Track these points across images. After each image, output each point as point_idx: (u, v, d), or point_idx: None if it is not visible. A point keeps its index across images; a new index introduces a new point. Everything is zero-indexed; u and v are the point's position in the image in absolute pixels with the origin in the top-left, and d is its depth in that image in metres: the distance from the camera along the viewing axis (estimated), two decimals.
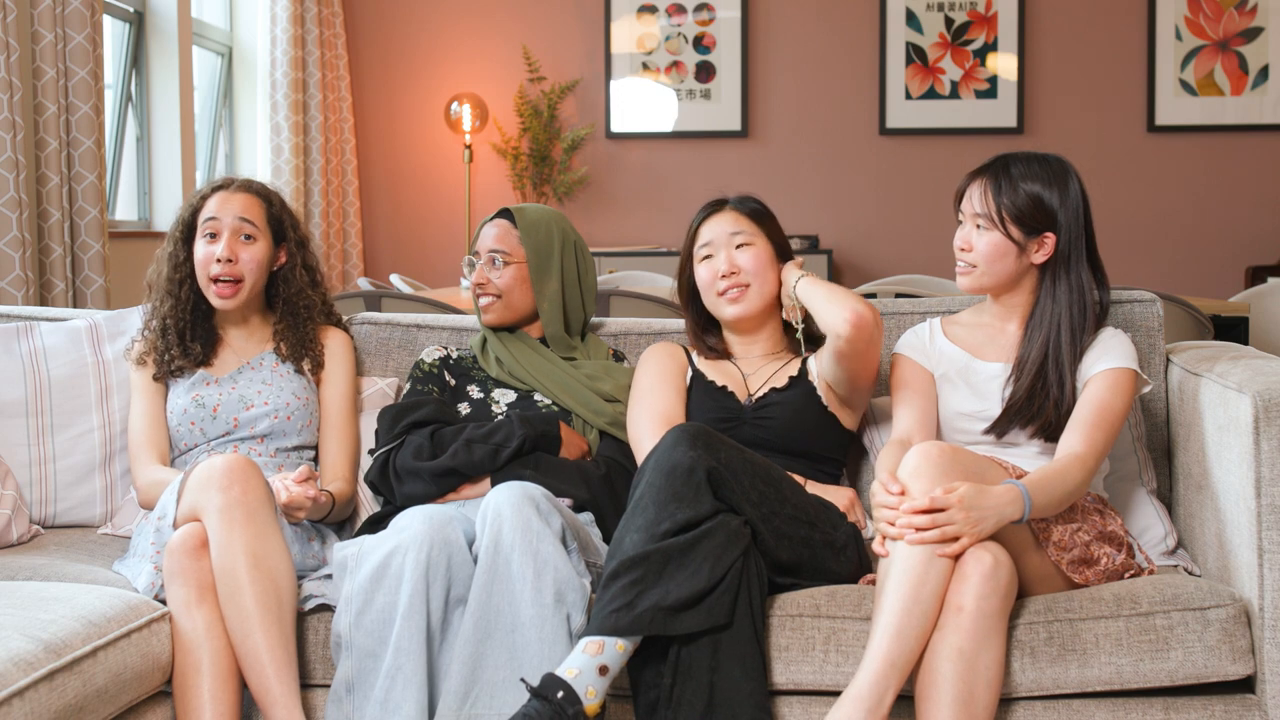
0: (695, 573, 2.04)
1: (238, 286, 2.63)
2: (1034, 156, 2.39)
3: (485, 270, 2.71)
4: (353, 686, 2.15)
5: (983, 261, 2.37)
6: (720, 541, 2.08)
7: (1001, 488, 2.08)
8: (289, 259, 2.72)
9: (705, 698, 2.03)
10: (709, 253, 2.58)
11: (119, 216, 5.36)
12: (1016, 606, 2.12)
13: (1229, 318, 4.26)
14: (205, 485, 2.23)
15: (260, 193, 2.70)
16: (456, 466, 2.46)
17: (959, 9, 6.90)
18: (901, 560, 2.02)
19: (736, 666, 2.05)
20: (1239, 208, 6.87)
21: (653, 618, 2.02)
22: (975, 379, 2.42)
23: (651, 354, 2.64)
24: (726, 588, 2.06)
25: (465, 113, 6.93)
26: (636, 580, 2.04)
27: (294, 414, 2.66)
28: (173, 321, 2.65)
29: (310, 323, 2.74)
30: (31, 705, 1.81)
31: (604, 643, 2.02)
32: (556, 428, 2.54)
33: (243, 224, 2.63)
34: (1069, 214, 2.34)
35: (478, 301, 2.73)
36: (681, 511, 2.09)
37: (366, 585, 2.17)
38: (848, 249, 7.00)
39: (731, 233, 2.57)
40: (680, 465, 2.12)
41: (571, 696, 1.97)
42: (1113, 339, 2.37)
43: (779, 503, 2.20)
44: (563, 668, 2.00)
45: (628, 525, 2.13)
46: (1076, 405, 2.31)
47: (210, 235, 2.63)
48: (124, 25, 5.41)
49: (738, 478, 2.16)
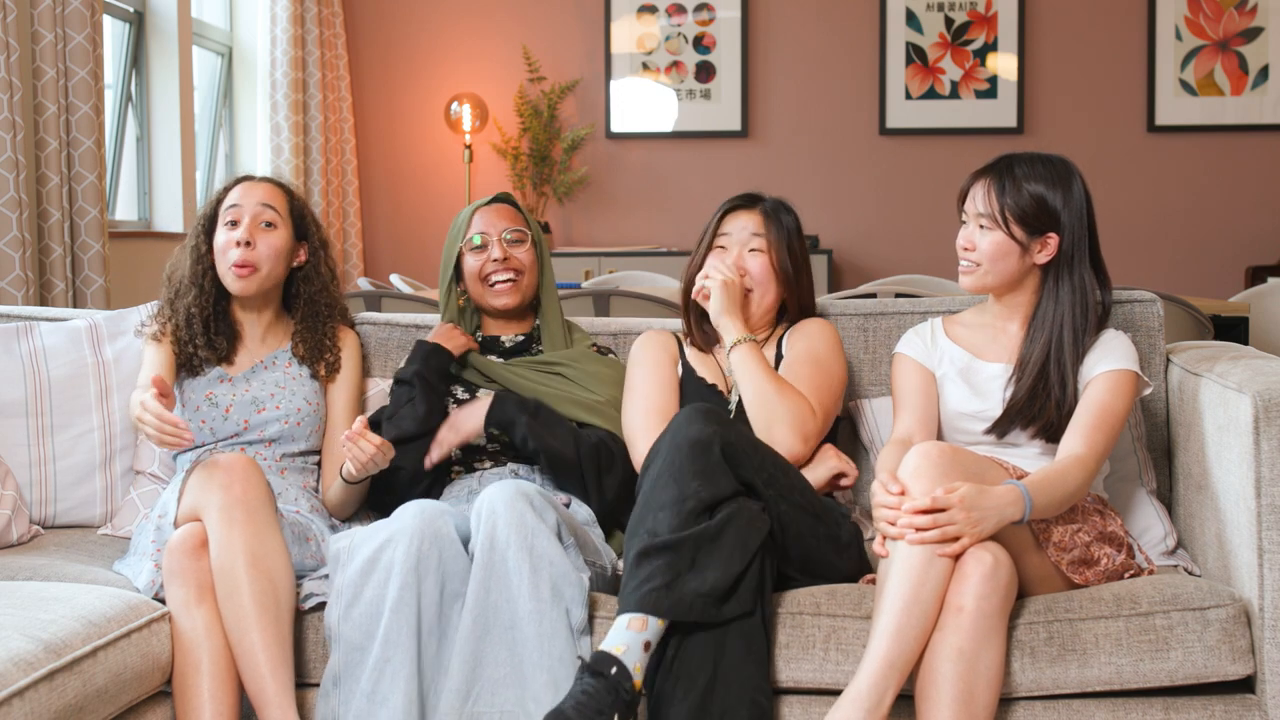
0: (729, 560, 2.06)
1: (255, 270, 2.62)
2: (1038, 157, 2.38)
3: (507, 247, 2.69)
4: (339, 679, 2.16)
5: (986, 261, 2.37)
6: (744, 527, 2.09)
7: (1002, 488, 2.08)
8: (310, 258, 2.72)
9: (709, 673, 2.04)
10: (724, 244, 2.59)
11: (119, 216, 5.36)
12: (1016, 606, 2.12)
13: (1229, 318, 4.26)
14: (206, 484, 2.23)
15: (284, 188, 2.70)
16: (404, 377, 2.58)
17: (959, 9, 6.90)
18: (901, 560, 2.02)
19: (742, 647, 2.06)
20: (1239, 208, 6.87)
21: (694, 603, 2.03)
22: (976, 379, 2.42)
23: (643, 345, 2.64)
24: (753, 574, 2.08)
25: (465, 113, 6.93)
26: (672, 563, 2.05)
27: (304, 420, 2.66)
28: (197, 311, 2.63)
29: (330, 322, 2.74)
30: (31, 705, 1.81)
31: (647, 619, 2.03)
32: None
33: (264, 209, 2.63)
34: (1072, 215, 2.34)
35: (490, 284, 2.68)
36: (705, 489, 2.10)
37: (356, 579, 2.17)
38: (848, 249, 7.00)
39: (752, 233, 2.58)
40: (699, 440, 2.14)
41: (624, 672, 1.99)
42: (1114, 340, 2.37)
43: (788, 487, 2.22)
44: (609, 644, 2.02)
45: (650, 502, 2.13)
46: (1078, 406, 2.31)
47: (231, 223, 2.62)
48: (124, 25, 5.41)
49: (749, 456, 2.18)
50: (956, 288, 4.52)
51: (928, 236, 6.78)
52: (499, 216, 2.72)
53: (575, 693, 1.98)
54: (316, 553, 2.48)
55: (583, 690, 1.97)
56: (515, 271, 2.68)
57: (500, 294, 2.68)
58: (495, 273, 2.67)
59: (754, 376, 2.44)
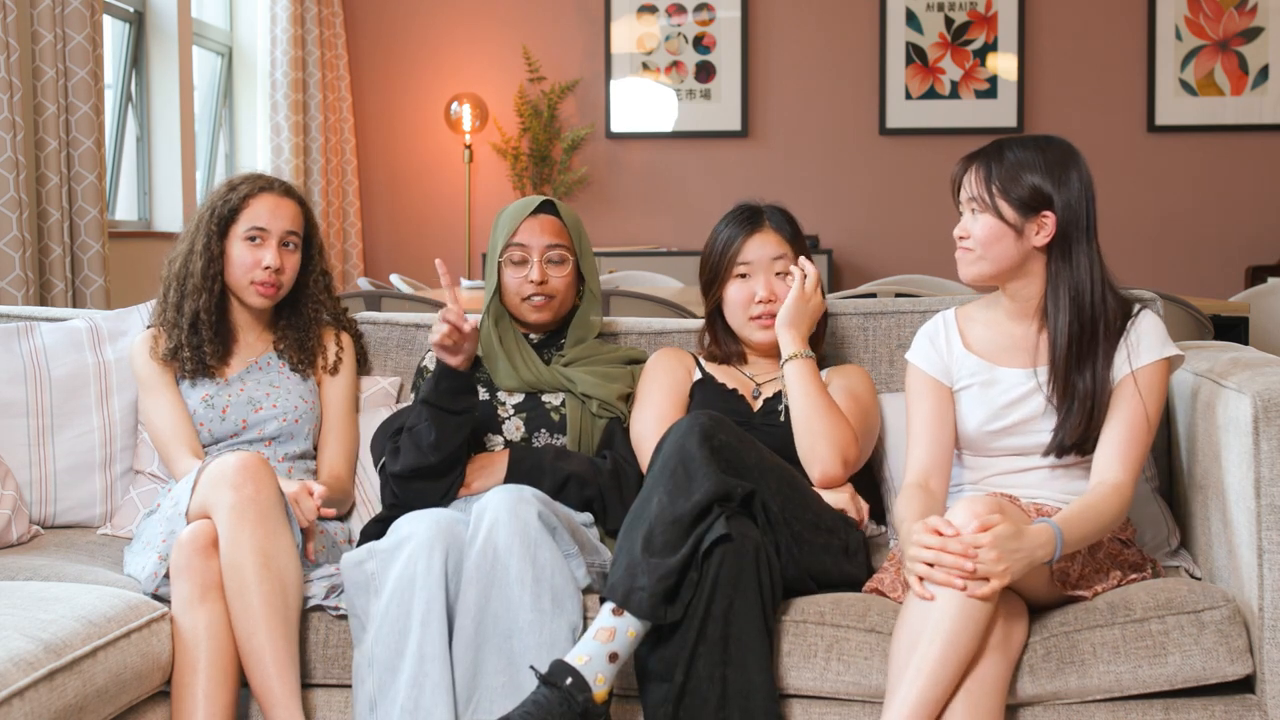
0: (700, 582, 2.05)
1: (278, 289, 2.64)
2: (1031, 138, 2.28)
3: (546, 268, 2.61)
4: (375, 704, 2.13)
5: (979, 246, 2.26)
6: (731, 557, 2.06)
7: (1036, 528, 2.01)
8: (308, 264, 2.73)
9: (719, 692, 2.03)
10: (746, 272, 2.54)
11: (119, 216, 5.36)
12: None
13: (1229, 318, 4.26)
14: (218, 482, 2.23)
15: (302, 203, 2.70)
16: (420, 398, 2.48)
17: (959, 9, 6.90)
18: (944, 605, 1.96)
19: (750, 661, 2.05)
20: (1239, 208, 6.87)
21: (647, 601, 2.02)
22: (995, 390, 2.31)
23: (657, 359, 2.63)
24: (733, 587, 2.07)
25: (465, 113, 6.93)
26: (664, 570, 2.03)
27: (301, 417, 2.66)
28: (206, 316, 2.63)
29: (315, 325, 2.74)
30: (31, 705, 1.81)
31: (615, 629, 2.01)
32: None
33: (289, 236, 2.64)
34: (1070, 193, 2.22)
35: (526, 300, 2.60)
36: (700, 491, 2.08)
37: (388, 602, 2.15)
38: (848, 249, 7.00)
39: (774, 257, 2.53)
40: (701, 441, 2.12)
41: (580, 683, 1.97)
42: (1142, 324, 2.25)
43: (801, 507, 2.21)
44: (572, 655, 2.01)
45: (649, 500, 2.12)
46: (1110, 419, 2.21)
47: (253, 239, 2.61)
48: (124, 25, 5.41)
49: (750, 459, 2.16)
50: (957, 287, 4.52)
51: (928, 236, 6.78)
52: (543, 230, 2.61)
53: (527, 702, 1.97)
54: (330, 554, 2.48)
55: (534, 700, 1.96)
56: (549, 295, 2.61)
57: (533, 310, 2.61)
58: (533, 295, 2.60)
59: (808, 391, 2.41)
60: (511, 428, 2.59)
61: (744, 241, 2.55)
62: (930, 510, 2.16)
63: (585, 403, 2.60)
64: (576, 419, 2.59)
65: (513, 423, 2.59)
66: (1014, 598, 2.07)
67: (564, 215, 2.66)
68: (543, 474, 2.45)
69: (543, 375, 2.61)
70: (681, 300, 3.95)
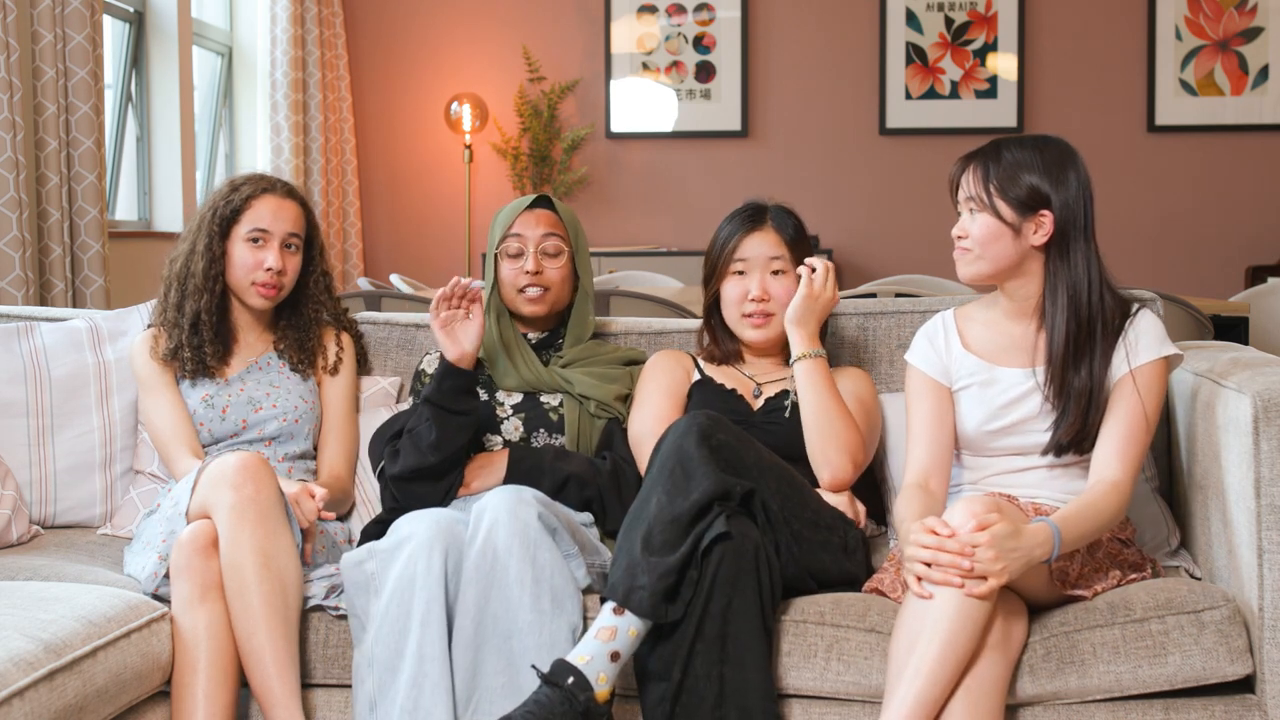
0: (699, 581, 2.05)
1: (280, 291, 2.65)
2: (1028, 138, 2.28)
3: (541, 259, 2.62)
4: (375, 704, 2.13)
5: (977, 246, 2.26)
6: (732, 551, 2.07)
7: (1034, 527, 2.02)
8: (309, 265, 2.73)
9: (716, 691, 2.03)
10: (743, 269, 2.54)
11: (119, 216, 5.36)
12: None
13: (1229, 318, 4.25)
14: (218, 482, 2.23)
15: (304, 204, 2.70)
16: (422, 397, 2.49)
17: (959, 9, 6.90)
18: (942, 605, 1.96)
19: (748, 660, 2.05)
20: (1239, 208, 6.87)
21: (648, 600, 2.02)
22: (994, 390, 2.31)
23: (656, 360, 2.63)
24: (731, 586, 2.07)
25: (465, 113, 6.93)
26: (665, 571, 2.04)
27: (301, 417, 2.66)
28: (207, 317, 2.63)
29: (315, 325, 2.74)
30: (31, 705, 1.81)
31: (616, 628, 2.02)
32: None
33: (291, 237, 2.65)
34: (1068, 192, 2.22)
35: (519, 291, 2.62)
36: (698, 491, 2.08)
37: (387, 602, 2.15)
38: (848, 249, 7.00)
39: (771, 256, 2.53)
40: (700, 441, 2.12)
41: (582, 682, 1.97)
42: (1140, 323, 2.26)
43: (800, 505, 2.21)
44: (574, 654, 2.01)
45: (648, 499, 2.12)
46: (1109, 415, 2.22)
47: (256, 241, 2.62)
48: (124, 25, 5.41)
49: (749, 459, 2.16)
50: (957, 287, 4.52)
51: (928, 236, 6.78)
52: (538, 222, 2.63)
53: (528, 701, 1.97)
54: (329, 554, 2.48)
55: (536, 699, 1.96)
56: (544, 286, 2.62)
57: (528, 302, 2.62)
58: (528, 286, 2.61)
59: (819, 393, 2.41)
60: (510, 428, 2.60)
61: (743, 239, 2.55)
62: (930, 510, 2.17)
63: (583, 404, 2.60)
64: (574, 420, 2.60)
65: (511, 423, 2.60)
66: (1013, 597, 2.08)
67: (560, 210, 2.68)
68: (542, 474, 2.45)
69: (541, 376, 2.62)
70: (681, 300, 3.95)
